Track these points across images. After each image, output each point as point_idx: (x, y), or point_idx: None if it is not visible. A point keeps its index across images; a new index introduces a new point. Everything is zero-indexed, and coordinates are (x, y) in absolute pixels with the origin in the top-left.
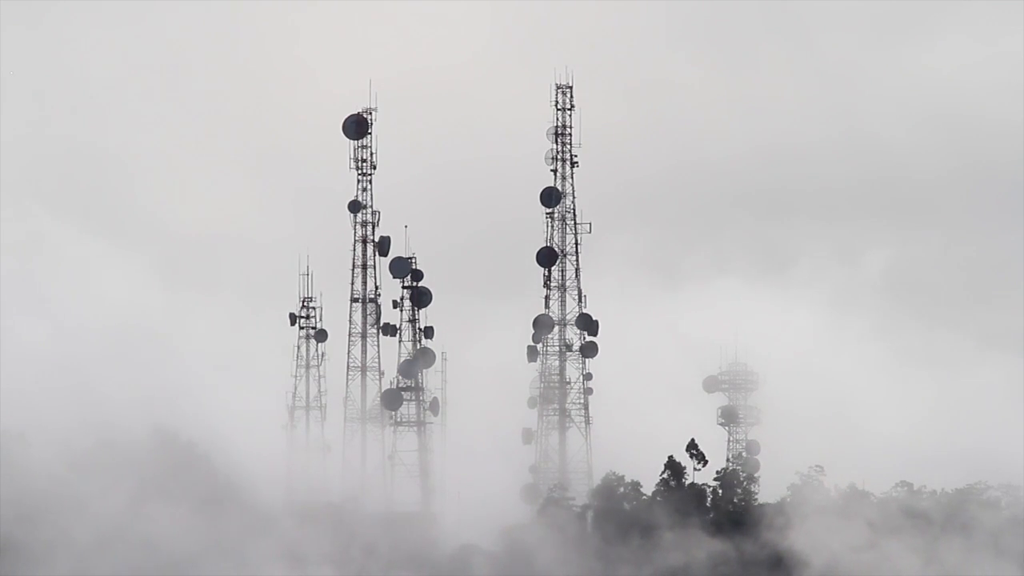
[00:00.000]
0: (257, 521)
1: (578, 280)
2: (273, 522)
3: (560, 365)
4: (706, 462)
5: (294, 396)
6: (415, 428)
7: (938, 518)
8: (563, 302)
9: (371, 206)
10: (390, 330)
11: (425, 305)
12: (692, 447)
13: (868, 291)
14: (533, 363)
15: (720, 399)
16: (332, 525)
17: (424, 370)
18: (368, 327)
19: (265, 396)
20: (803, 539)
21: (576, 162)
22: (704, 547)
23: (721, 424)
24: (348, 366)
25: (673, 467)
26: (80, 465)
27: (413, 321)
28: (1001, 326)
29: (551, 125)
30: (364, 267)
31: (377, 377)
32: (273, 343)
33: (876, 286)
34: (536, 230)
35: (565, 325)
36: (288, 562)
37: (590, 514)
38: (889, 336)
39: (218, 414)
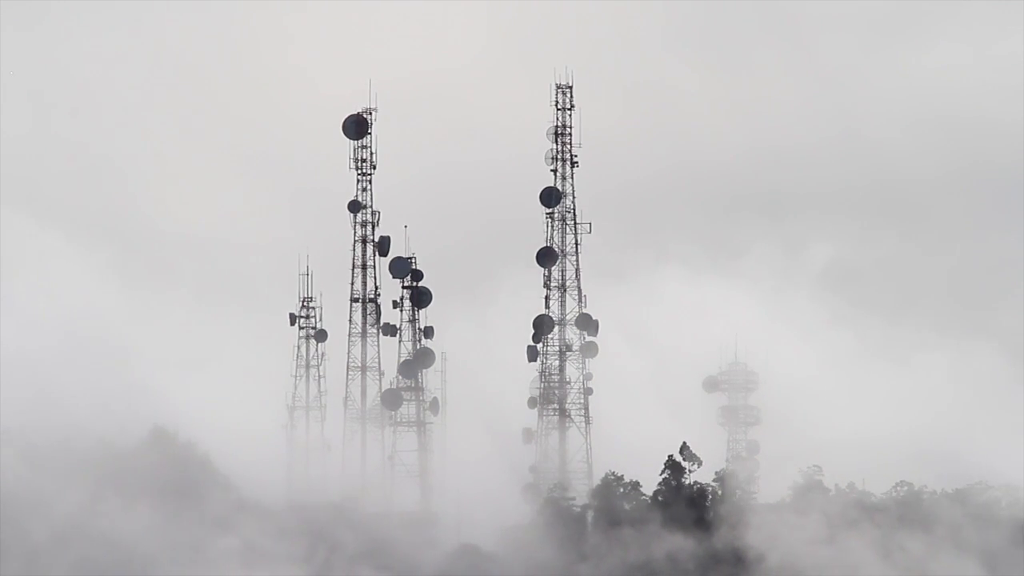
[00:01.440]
0: (249, 519)
1: (578, 280)
2: (264, 519)
3: (560, 365)
4: (700, 463)
5: (294, 396)
6: (415, 428)
7: (932, 516)
8: (563, 302)
9: (371, 206)
10: (390, 330)
11: (425, 305)
12: (684, 449)
13: (869, 291)
14: (533, 363)
15: (720, 399)
16: (300, 523)
17: (424, 370)
18: (368, 327)
19: (265, 396)
20: (801, 537)
21: (576, 162)
22: (682, 544)
23: (721, 424)
24: (348, 366)
25: (673, 467)
26: (77, 466)
27: (413, 321)
28: (997, 325)
29: (551, 125)
30: (364, 267)
31: (377, 377)
32: (273, 343)
33: (877, 287)
34: (536, 230)
35: (565, 325)
36: (255, 561)
37: (590, 514)
38: (896, 341)
39: (218, 414)
